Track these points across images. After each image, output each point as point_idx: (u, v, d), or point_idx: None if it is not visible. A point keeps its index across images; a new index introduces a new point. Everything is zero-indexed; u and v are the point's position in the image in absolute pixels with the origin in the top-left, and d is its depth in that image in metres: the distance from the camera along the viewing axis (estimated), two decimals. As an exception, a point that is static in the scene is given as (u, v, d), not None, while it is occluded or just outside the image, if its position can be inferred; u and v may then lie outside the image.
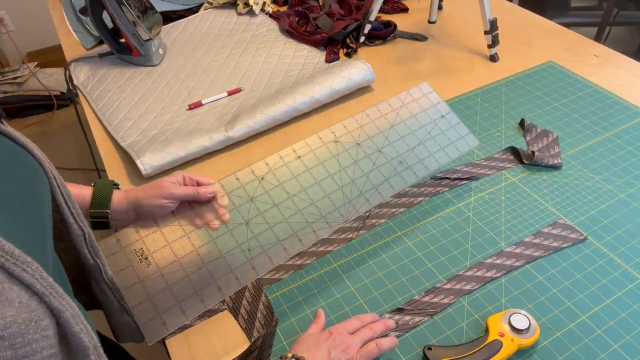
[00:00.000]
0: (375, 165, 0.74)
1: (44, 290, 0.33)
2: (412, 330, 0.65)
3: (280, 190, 0.69)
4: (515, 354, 0.61)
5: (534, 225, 0.78)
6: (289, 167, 0.71)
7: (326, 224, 0.67)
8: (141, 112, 1.03)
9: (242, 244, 0.64)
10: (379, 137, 0.77)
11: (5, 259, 0.31)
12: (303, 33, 1.24)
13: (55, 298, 0.34)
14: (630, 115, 0.98)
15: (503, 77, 1.11)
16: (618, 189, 0.83)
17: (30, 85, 2.43)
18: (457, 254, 0.74)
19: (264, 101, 0.99)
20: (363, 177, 0.72)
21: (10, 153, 0.42)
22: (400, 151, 0.76)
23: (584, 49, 1.18)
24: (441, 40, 1.25)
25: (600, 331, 0.64)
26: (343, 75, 1.03)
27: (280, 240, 0.65)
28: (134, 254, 0.62)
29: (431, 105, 0.82)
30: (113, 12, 1.08)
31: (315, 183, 0.71)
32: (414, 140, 0.78)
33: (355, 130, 0.77)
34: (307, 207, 0.68)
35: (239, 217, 0.66)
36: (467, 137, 0.80)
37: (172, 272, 0.61)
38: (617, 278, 0.70)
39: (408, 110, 0.80)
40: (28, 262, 0.33)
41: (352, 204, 0.69)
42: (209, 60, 1.19)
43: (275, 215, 0.67)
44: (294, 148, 0.74)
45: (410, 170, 0.74)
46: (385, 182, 0.72)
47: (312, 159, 0.73)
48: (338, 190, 0.70)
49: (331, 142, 0.75)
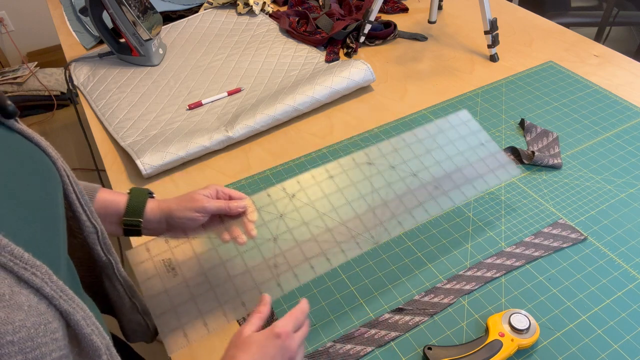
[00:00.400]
0: (410, 189, 0.71)
1: (53, 293, 0.33)
2: (412, 330, 0.65)
3: (311, 208, 0.68)
4: (515, 354, 0.61)
5: (534, 225, 0.78)
6: (321, 187, 0.70)
7: (356, 244, 0.65)
8: (141, 112, 1.03)
9: (269, 260, 0.63)
10: (414, 162, 0.75)
11: (14, 263, 0.31)
12: (303, 33, 1.24)
13: (65, 301, 0.34)
14: (630, 115, 0.98)
15: (503, 77, 1.11)
16: (618, 189, 0.83)
17: (30, 85, 2.43)
18: (457, 254, 0.74)
19: (264, 101, 0.99)
20: (396, 200, 0.70)
21: (23, 151, 0.42)
22: (437, 176, 0.73)
23: (584, 49, 1.18)
24: (441, 40, 1.25)
25: (600, 331, 0.64)
26: (343, 75, 1.03)
27: (307, 259, 0.64)
28: (162, 264, 0.62)
29: (470, 133, 0.80)
30: (113, 12, 1.08)
31: (346, 203, 0.69)
32: (451, 166, 0.75)
33: (389, 153, 0.75)
34: (337, 226, 0.66)
35: (267, 233, 0.65)
36: (507, 165, 0.76)
37: (197, 284, 0.60)
38: (617, 278, 0.70)
39: (446, 137, 0.78)
40: (37, 266, 0.33)
41: (384, 226, 0.67)
42: (209, 60, 1.19)
43: (304, 232, 0.65)
44: (327, 168, 0.72)
45: (446, 196, 0.71)
46: (420, 206, 0.70)
47: (344, 180, 0.71)
48: (369, 212, 0.68)
49: (364, 164, 0.73)
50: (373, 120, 1.00)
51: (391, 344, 0.64)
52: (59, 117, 2.53)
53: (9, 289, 0.30)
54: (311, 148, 0.94)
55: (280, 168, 0.90)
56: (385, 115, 1.01)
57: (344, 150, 0.93)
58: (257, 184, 0.87)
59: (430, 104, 1.04)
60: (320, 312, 0.68)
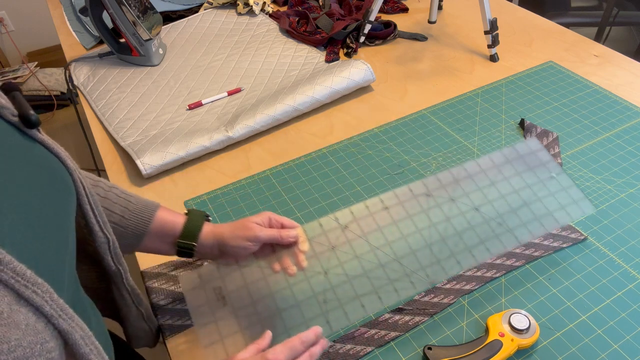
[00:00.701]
0: (471, 225, 0.67)
1: (52, 312, 0.33)
2: (412, 330, 0.65)
3: (363, 241, 0.65)
4: (515, 354, 0.61)
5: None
6: (375, 218, 0.67)
7: (410, 283, 0.62)
8: (141, 112, 1.03)
9: (319, 295, 0.61)
10: (476, 194, 0.70)
11: (15, 280, 0.31)
12: (303, 33, 1.24)
13: (65, 320, 0.34)
14: (630, 115, 0.98)
15: (503, 77, 1.11)
16: (618, 189, 0.83)
17: (30, 85, 2.43)
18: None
19: (264, 101, 0.99)
20: (455, 237, 0.66)
21: (43, 161, 0.42)
22: (501, 211, 0.69)
23: (584, 49, 1.18)
24: (441, 40, 1.25)
25: (600, 331, 0.64)
26: (343, 75, 1.03)
27: (358, 296, 0.61)
28: (212, 292, 0.61)
29: (540, 164, 0.74)
30: (113, 12, 1.08)
31: (401, 237, 0.65)
32: (518, 201, 0.70)
33: (450, 184, 0.70)
34: (390, 262, 0.63)
35: (318, 266, 0.63)
36: (581, 202, 0.71)
37: (246, 316, 0.59)
38: (617, 278, 0.70)
39: (512, 167, 0.73)
40: (39, 284, 0.33)
41: (441, 264, 0.63)
42: (209, 60, 1.19)
43: (356, 267, 0.63)
44: (382, 198, 0.69)
45: (511, 234, 0.67)
46: (481, 244, 0.65)
47: (400, 212, 0.67)
48: (426, 248, 0.64)
49: (422, 195, 0.69)
50: (373, 120, 1.00)
51: (391, 344, 0.64)
52: (59, 117, 2.53)
53: (8, 307, 0.30)
54: (311, 148, 0.94)
55: (280, 168, 0.90)
56: (385, 115, 1.01)
57: (344, 150, 0.93)
58: (257, 183, 0.87)
59: (430, 104, 1.04)
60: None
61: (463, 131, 0.96)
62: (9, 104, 0.40)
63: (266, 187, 0.86)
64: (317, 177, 0.88)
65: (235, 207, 0.83)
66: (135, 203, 0.60)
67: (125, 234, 0.59)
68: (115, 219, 0.58)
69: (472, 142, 0.94)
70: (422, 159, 0.91)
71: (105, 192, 0.58)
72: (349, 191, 0.85)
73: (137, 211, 0.59)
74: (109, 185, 0.60)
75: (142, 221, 0.60)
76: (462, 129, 0.97)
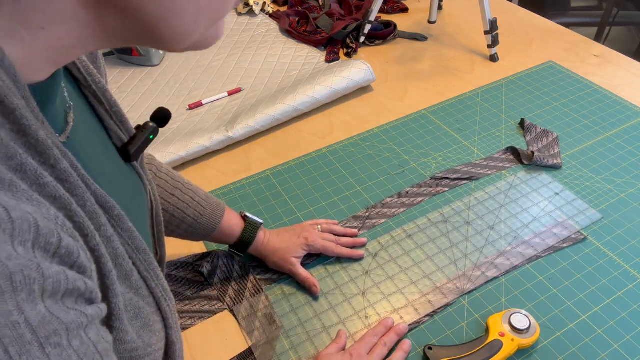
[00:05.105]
0: (488, 241, 0.75)
1: (172, 324, 0.37)
2: (412, 330, 0.65)
3: (394, 264, 0.72)
4: (516, 354, 0.61)
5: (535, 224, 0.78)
6: (401, 245, 0.75)
7: (441, 294, 0.68)
8: (141, 112, 1.03)
9: (360, 312, 0.67)
10: (489, 216, 0.78)
11: (162, 295, 0.36)
12: (303, 33, 1.24)
13: (175, 332, 0.38)
14: (630, 115, 0.98)
15: (503, 77, 1.11)
16: (618, 189, 0.83)
17: (30, 85, 2.42)
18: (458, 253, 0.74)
19: (264, 101, 0.99)
20: (476, 252, 0.73)
21: (138, 186, 0.44)
22: (514, 227, 0.77)
23: (584, 49, 1.18)
24: (441, 40, 1.25)
25: (600, 331, 0.64)
26: (343, 75, 1.03)
27: (396, 309, 0.67)
28: (264, 318, 0.67)
29: (542, 185, 0.83)
30: (113, 12, 1.08)
31: (427, 258, 0.73)
32: (528, 217, 0.78)
33: (464, 211, 0.80)
34: (420, 279, 0.70)
35: (355, 288, 0.70)
36: (587, 211, 0.79)
37: (297, 335, 0.65)
38: (617, 278, 0.70)
39: (517, 192, 0.82)
40: (170, 298, 0.37)
41: (467, 276, 0.70)
42: (209, 61, 1.19)
43: (390, 287, 0.70)
44: (405, 229, 0.77)
45: (527, 245, 0.74)
46: (501, 255, 0.73)
47: (422, 238, 0.76)
48: (451, 265, 0.72)
49: (440, 223, 0.78)
50: (373, 120, 1.00)
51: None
52: (59, 117, 2.52)
53: (152, 317, 0.35)
54: (311, 148, 0.94)
55: (280, 168, 0.90)
56: (385, 115, 1.01)
57: (344, 150, 0.93)
58: (257, 184, 0.87)
59: (430, 104, 1.04)
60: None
61: (463, 131, 0.96)
62: (118, 131, 0.42)
63: (266, 187, 0.86)
64: (317, 177, 0.88)
65: (235, 207, 0.83)
66: (205, 207, 0.66)
67: (194, 234, 0.67)
68: (189, 222, 0.65)
69: (472, 142, 0.94)
70: (422, 159, 0.91)
71: (183, 195, 0.64)
72: (349, 191, 0.85)
73: (208, 216, 0.66)
74: (186, 187, 0.65)
75: (211, 227, 0.67)
76: (462, 129, 0.97)
